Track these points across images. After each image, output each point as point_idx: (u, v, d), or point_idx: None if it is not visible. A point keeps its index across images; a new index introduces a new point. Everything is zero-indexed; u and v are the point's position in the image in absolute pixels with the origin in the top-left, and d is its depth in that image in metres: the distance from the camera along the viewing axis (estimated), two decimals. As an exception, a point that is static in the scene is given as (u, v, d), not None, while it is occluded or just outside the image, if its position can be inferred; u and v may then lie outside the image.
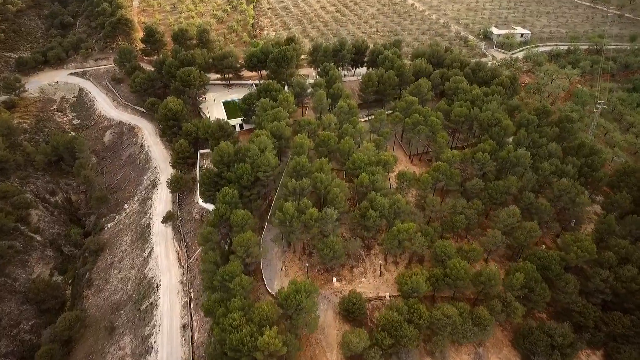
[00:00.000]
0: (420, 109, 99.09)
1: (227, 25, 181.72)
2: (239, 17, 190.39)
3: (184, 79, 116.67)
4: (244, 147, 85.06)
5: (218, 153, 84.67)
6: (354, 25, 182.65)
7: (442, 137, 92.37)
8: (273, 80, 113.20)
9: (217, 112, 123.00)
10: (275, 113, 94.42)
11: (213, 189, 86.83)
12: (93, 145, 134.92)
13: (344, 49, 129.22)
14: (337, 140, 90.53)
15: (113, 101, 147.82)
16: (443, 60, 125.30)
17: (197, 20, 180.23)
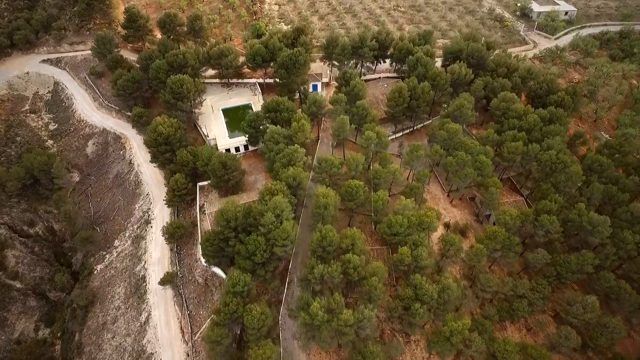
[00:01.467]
0: (465, 142, 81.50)
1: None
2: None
3: (175, 91, 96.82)
4: (256, 210, 68.75)
5: (223, 216, 68.60)
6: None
7: (494, 186, 75.94)
8: (283, 97, 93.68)
9: (217, 127, 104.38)
10: (291, 153, 76.85)
11: (219, 255, 72.09)
12: (74, 157, 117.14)
13: (365, 45, 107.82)
14: (366, 191, 74.36)
15: (94, 101, 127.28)
16: (484, 62, 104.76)
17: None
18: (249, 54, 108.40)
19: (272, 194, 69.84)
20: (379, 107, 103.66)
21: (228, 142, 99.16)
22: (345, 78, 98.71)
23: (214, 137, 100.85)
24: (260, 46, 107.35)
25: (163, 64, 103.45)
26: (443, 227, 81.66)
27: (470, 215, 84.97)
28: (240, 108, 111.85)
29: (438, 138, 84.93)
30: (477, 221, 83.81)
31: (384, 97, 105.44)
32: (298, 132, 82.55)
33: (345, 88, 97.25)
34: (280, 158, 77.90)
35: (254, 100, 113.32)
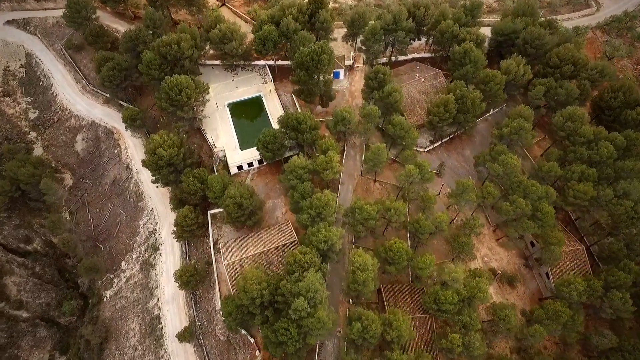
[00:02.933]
0: (524, 183, 68.66)
1: None
2: None
3: (173, 98, 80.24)
4: (285, 288, 59.01)
5: (246, 294, 59.20)
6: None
7: (557, 243, 65.27)
8: (304, 113, 77.52)
9: (225, 133, 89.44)
10: (321, 206, 64.34)
11: (241, 324, 64.71)
12: (63, 155, 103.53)
13: (400, 28, 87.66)
14: (410, 252, 64.15)
15: (76, 82, 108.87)
16: (545, 52, 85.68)
17: None
18: (257, 36, 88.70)
19: (302, 266, 59.73)
20: (415, 110, 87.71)
21: (240, 157, 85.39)
22: (377, 78, 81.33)
23: (223, 149, 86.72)
24: (272, 28, 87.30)
25: (154, 59, 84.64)
26: (489, 272, 73.16)
27: (519, 257, 75.81)
28: (249, 102, 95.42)
29: (490, 171, 71.90)
30: (526, 266, 75.09)
31: (422, 97, 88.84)
32: (326, 169, 69.30)
33: (377, 92, 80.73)
34: (307, 207, 66.00)
35: (264, 90, 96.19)
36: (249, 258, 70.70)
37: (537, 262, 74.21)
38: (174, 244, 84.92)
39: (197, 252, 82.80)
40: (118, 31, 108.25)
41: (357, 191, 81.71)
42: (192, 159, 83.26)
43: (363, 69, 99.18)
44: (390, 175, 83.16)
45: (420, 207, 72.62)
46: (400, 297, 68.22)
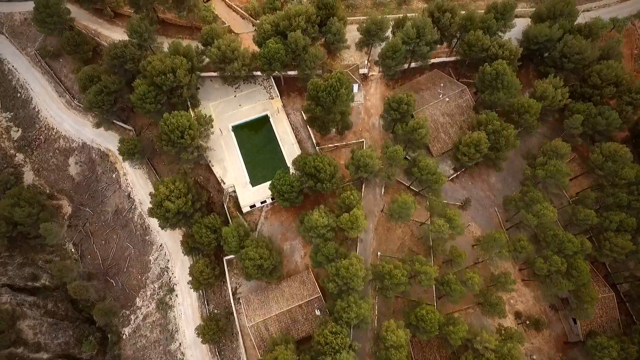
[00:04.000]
0: (560, 237, 64.98)
1: None
2: None
3: (174, 141, 72.24)
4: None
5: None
6: None
7: (590, 300, 63.51)
8: (323, 157, 70.33)
9: (233, 165, 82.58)
10: (350, 277, 60.58)
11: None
12: (57, 180, 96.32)
13: (424, 42, 77.39)
14: (441, 319, 62.31)
15: (59, 96, 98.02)
16: (584, 62, 76.57)
17: None
18: (262, 54, 78.20)
19: (333, 348, 57.86)
20: (439, 136, 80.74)
21: (252, 196, 79.67)
22: (399, 109, 73.34)
23: (232, 186, 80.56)
24: (278, 46, 76.53)
25: (149, 91, 74.73)
26: (514, 316, 72.62)
27: (545, 298, 74.57)
28: (255, 123, 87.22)
29: (524, 221, 67.87)
30: (552, 307, 74.29)
31: (446, 120, 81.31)
32: (351, 228, 64.73)
33: (400, 125, 73.41)
34: (333, 275, 62.58)
35: (271, 107, 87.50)
36: (273, 318, 68.80)
37: (564, 302, 73.46)
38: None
39: (215, 296, 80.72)
40: (98, 34, 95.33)
41: (378, 231, 77.91)
42: (201, 201, 77.60)
43: (379, 79, 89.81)
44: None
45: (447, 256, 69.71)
46: (428, 353, 67.96)
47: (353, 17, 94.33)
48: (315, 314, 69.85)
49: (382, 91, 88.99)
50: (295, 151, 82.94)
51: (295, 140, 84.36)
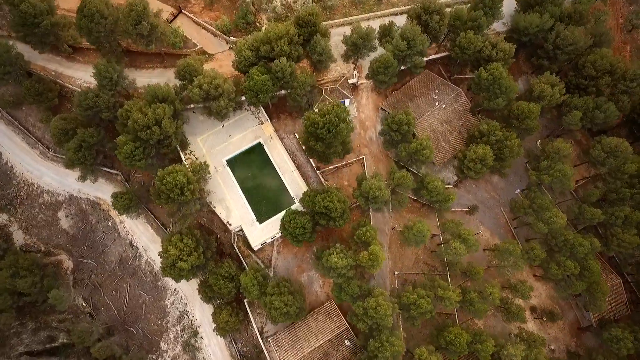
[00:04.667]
0: (570, 241, 67.17)
1: None
2: None
3: (175, 199, 68.95)
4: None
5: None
6: None
7: (602, 296, 67.21)
8: (332, 194, 68.31)
9: (237, 206, 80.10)
10: (380, 319, 61.81)
11: None
12: (50, 236, 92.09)
13: (415, 52, 73.87)
14: (469, 338, 65.13)
15: (32, 148, 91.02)
16: (577, 52, 75.05)
17: None
18: (247, 85, 73.62)
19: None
20: (440, 145, 79.61)
21: (261, 234, 78.27)
22: (400, 130, 71.37)
23: (239, 227, 78.80)
24: (265, 78, 72.00)
25: (135, 148, 69.96)
26: (529, 311, 76.64)
27: (559, 297, 77.79)
28: (249, 153, 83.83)
29: (534, 228, 69.58)
30: (564, 297, 78.23)
31: (445, 128, 79.96)
32: (371, 266, 65.11)
33: (403, 147, 71.97)
34: (361, 314, 63.79)
35: (263, 134, 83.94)
36: (306, 356, 70.59)
37: (576, 296, 77.36)
38: (212, 323, 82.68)
39: (242, 335, 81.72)
40: (60, 75, 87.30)
41: (392, 249, 78.83)
42: (212, 249, 76.07)
43: (369, 87, 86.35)
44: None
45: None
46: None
47: (333, 21, 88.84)
48: (345, 345, 72.00)
49: (374, 100, 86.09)
50: (296, 179, 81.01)
51: (294, 167, 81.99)
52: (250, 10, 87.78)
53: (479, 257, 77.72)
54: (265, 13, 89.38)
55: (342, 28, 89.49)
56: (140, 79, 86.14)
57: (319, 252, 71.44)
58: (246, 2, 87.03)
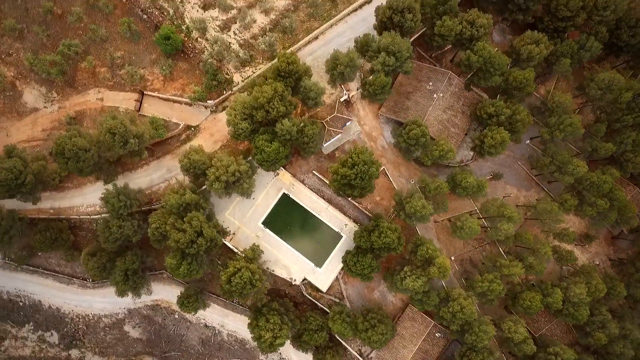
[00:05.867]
0: (598, 183, 74.50)
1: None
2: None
3: (246, 294, 71.66)
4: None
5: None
6: None
7: (632, 215, 76.74)
8: (386, 229, 71.95)
9: (292, 260, 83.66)
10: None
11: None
12: (127, 348, 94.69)
13: (402, 57, 73.07)
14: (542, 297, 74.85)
15: (69, 284, 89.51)
16: (554, 3, 75.65)
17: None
18: (261, 158, 73.43)
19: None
20: (449, 131, 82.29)
21: (326, 278, 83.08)
22: (418, 144, 73.64)
23: (304, 279, 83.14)
24: (276, 145, 71.97)
25: (182, 265, 70.55)
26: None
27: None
28: (280, 208, 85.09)
29: (560, 181, 76.31)
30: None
31: (449, 114, 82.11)
32: (442, 277, 71.72)
33: (425, 157, 74.99)
34: (448, 317, 72.02)
35: (283, 184, 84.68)
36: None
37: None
38: None
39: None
40: (59, 210, 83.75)
41: (440, 238, 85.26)
42: (290, 309, 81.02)
43: (358, 95, 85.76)
44: (457, 206, 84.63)
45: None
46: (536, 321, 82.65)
47: (299, 44, 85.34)
48: (437, 337, 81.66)
49: (371, 108, 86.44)
50: (333, 213, 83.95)
51: (326, 203, 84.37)
52: (214, 66, 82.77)
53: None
54: (230, 63, 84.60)
55: (310, 46, 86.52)
56: (140, 179, 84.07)
57: (387, 277, 77.58)
58: (208, 62, 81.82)
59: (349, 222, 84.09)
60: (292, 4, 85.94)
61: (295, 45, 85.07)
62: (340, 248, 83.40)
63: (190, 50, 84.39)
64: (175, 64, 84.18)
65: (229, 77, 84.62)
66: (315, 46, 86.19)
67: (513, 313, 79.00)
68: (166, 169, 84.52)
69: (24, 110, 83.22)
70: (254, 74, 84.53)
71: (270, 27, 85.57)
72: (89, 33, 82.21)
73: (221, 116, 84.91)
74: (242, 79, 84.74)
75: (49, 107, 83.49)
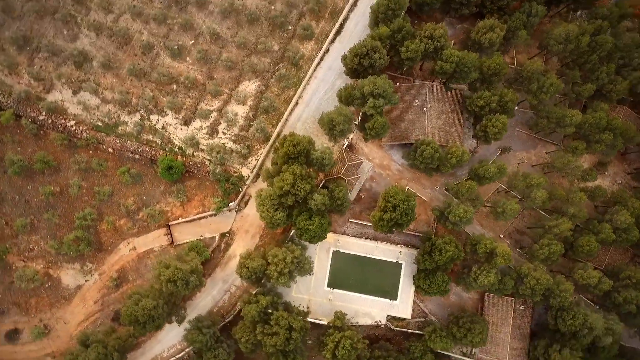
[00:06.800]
0: (592, 123, 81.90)
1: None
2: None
3: (355, 357, 75.78)
4: None
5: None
6: None
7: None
8: (445, 247, 77.23)
9: (372, 306, 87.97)
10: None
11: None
12: None
13: (388, 94, 78.02)
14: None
15: None
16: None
17: None
18: (308, 236, 77.14)
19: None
20: (450, 131, 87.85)
21: (405, 304, 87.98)
22: (432, 160, 79.06)
23: (387, 316, 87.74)
24: (317, 220, 75.71)
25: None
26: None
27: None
28: (334, 263, 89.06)
29: (561, 132, 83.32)
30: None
31: (445, 119, 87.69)
32: (508, 263, 77.63)
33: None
34: (528, 294, 78.15)
35: (328, 242, 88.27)
36: (512, 344, 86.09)
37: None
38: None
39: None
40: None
41: (484, 224, 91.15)
42: (391, 351, 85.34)
43: (358, 136, 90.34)
44: (483, 190, 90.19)
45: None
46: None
47: (284, 119, 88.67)
48: (522, 309, 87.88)
49: (373, 142, 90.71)
50: (384, 247, 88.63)
51: (374, 242, 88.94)
52: (221, 171, 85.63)
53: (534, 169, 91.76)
54: (234, 161, 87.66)
55: (294, 113, 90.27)
56: (203, 302, 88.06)
57: (460, 281, 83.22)
58: (215, 171, 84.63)
59: (401, 249, 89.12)
60: (262, 84, 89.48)
61: (282, 119, 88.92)
62: (405, 274, 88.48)
63: (192, 167, 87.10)
64: (185, 186, 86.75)
65: (238, 174, 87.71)
66: (299, 111, 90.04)
67: (574, 259, 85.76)
68: (221, 282, 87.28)
69: (69, 293, 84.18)
70: (258, 162, 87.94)
71: (252, 113, 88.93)
72: (95, 196, 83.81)
73: (247, 211, 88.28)
74: (250, 170, 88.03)
75: (90, 278, 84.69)
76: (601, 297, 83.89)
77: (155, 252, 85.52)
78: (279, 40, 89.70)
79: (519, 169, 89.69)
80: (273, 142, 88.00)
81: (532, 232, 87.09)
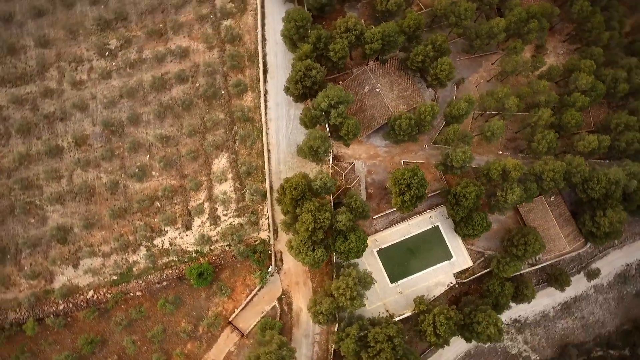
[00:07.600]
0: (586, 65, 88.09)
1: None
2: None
3: (454, 326, 79.81)
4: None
5: None
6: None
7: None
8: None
9: (437, 276, 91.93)
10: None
11: None
12: None
13: (344, 98, 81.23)
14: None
15: None
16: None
17: None
18: (351, 254, 79.90)
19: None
20: (408, 95, 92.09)
21: (462, 259, 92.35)
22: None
23: (454, 275, 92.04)
24: (353, 238, 78.40)
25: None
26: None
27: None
28: (385, 262, 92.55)
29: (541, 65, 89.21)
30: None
31: (396, 88, 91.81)
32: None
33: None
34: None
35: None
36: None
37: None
38: None
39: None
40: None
41: (480, 149, 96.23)
42: (477, 301, 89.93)
43: (337, 144, 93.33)
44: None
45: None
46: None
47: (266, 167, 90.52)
48: (554, 201, 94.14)
49: (353, 142, 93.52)
50: (415, 221, 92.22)
51: (404, 222, 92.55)
52: (247, 247, 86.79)
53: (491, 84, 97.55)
54: (250, 233, 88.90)
55: (272, 160, 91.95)
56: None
57: (492, 209, 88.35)
58: (241, 252, 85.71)
59: (429, 213, 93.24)
60: (231, 154, 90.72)
61: (265, 171, 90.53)
62: (446, 231, 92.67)
63: (218, 260, 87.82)
64: (222, 280, 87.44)
65: (259, 240, 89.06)
66: (275, 155, 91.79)
67: (569, 137, 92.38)
68: (304, 338, 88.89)
69: None
70: (269, 219, 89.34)
71: (238, 183, 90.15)
72: (152, 341, 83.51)
73: (286, 266, 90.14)
74: (267, 231, 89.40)
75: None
76: (607, 154, 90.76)
77: (233, 352, 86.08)
78: (221, 109, 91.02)
79: (479, 90, 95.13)
80: (270, 194, 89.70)
81: (522, 134, 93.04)
